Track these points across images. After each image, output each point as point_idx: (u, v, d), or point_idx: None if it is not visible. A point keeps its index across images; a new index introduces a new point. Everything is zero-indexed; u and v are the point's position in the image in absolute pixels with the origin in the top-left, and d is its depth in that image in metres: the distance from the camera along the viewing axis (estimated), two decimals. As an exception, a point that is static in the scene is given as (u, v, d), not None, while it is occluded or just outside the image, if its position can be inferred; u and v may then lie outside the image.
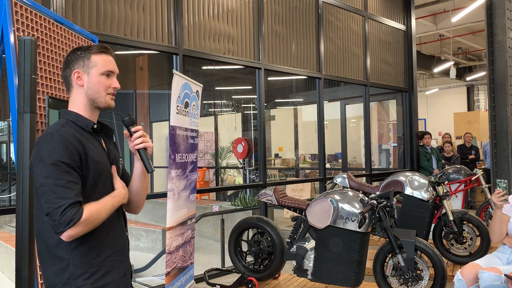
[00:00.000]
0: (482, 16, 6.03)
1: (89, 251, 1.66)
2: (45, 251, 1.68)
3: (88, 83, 1.77)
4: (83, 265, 1.65)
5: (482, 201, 8.13)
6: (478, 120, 14.42)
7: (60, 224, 1.54)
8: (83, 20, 4.08)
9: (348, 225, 3.69)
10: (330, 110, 10.72)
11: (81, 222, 1.56)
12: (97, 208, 1.64)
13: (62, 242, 1.63)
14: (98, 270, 1.67)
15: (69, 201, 1.55)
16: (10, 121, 12.00)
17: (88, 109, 1.79)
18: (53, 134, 1.63)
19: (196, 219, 4.53)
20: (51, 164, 1.58)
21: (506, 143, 5.12)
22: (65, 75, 1.80)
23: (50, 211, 1.55)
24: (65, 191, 1.56)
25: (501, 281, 2.96)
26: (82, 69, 1.77)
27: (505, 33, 5.16)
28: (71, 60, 1.78)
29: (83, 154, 1.66)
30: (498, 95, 5.22)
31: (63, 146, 1.61)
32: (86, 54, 1.78)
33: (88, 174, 1.67)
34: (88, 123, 1.77)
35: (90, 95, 1.77)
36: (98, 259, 1.68)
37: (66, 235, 1.56)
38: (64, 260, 1.64)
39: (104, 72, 1.78)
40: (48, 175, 1.57)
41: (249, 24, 5.76)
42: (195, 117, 4.00)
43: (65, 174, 1.58)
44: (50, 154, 1.59)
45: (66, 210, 1.54)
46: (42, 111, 2.38)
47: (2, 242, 7.40)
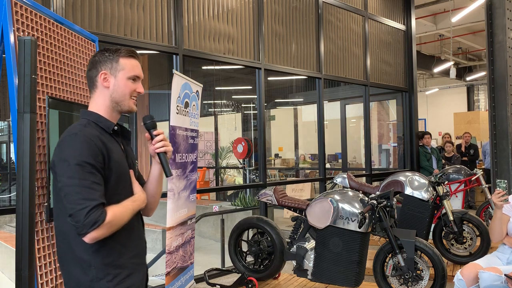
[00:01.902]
0: (482, 16, 6.03)
1: (110, 253, 1.64)
2: (67, 253, 1.66)
3: (114, 86, 1.76)
4: (106, 268, 1.63)
5: (482, 201, 8.13)
6: (478, 120, 14.42)
7: (84, 225, 1.51)
8: (83, 20, 4.08)
9: (348, 225, 3.69)
10: (330, 110, 10.72)
11: (105, 224, 1.54)
12: (120, 211, 1.62)
13: (84, 244, 1.61)
14: (120, 272, 1.66)
15: (94, 202, 1.53)
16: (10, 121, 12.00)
17: (109, 111, 1.78)
18: (77, 134, 1.62)
19: (196, 219, 4.53)
20: (76, 164, 1.56)
21: (506, 143, 5.12)
22: (90, 75, 1.79)
23: (73, 212, 1.53)
24: (90, 192, 1.54)
25: (501, 281, 2.96)
26: (110, 71, 1.76)
27: (505, 33, 5.16)
28: (99, 61, 1.77)
29: (106, 155, 1.65)
30: (498, 95, 5.22)
31: (87, 146, 1.59)
32: (115, 57, 1.76)
33: (110, 175, 1.66)
34: (109, 124, 1.76)
35: (114, 98, 1.77)
36: (119, 261, 1.67)
37: (90, 237, 1.54)
38: (86, 261, 1.62)
39: (131, 77, 1.78)
40: (72, 175, 1.55)
41: (249, 24, 5.76)
42: (195, 117, 4.00)
43: (89, 175, 1.57)
44: (74, 154, 1.57)
45: (91, 211, 1.52)
46: (42, 111, 2.38)
47: (2, 242, 7.40)
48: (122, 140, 1.85)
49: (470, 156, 9.59)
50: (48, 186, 2.33)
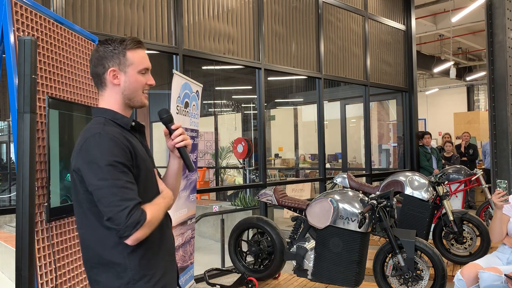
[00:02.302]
0: (482, 16, 6.02)
1: (145, 253, 1.58)
2: (96, 258, 1.58)
3: (125, 83, 1.66)
4: (142, 268, 1.56)
5: (482, 201, 8.12)
6: (478, 120, 14.41)
7: (127, 227, 1.44)
8: (83, 20, 4.08)
9: (348, 225, 3.69)
10: (330, 110, 10.72)
11: (147, 224, 1.48)
12: (156, 208, 1.56)
13: (117, 247, 1.54)
14: (156, 272, 1.61)
15: (133, 202, 1.46)
16: (10, 121, 12.00)
17: (122, 108, 1.68)
18: (101, 134, 1.53)
19: (196, 219, 4.53)
20: (107, 165, 1.47)
21: (506, 143, 5.12)
22: (97, 72, 1.67)
23: (112, 215, 1.45)
24: (126, 192, 1.47)
25: (501, 281, 2.96)
26: (118, 67, 1.64)
27: (505, 33, 5.16)
28: (104, 57, 1.64)
29: (133, 153, 1.57)
30: (498, 95, 5.21)
31: (115, 145, 1.51)
32: (121, 50, 1.64)
33: (138, 173, 1.59)
34: (126, 121, 1.67)
35: (127, 95, 1.67)
36: (154, 261, 1.61)
37: (133, 239, 1.47)
38: (120, 265, 1.54)
39: (141, 70, 1.68)
40: (105, 177, 1.46)
41: (249, 24, 5.76)
42: (195, 117, 4.00)
43: (122, 175, 1.49)
44: (103, 155, 1.48)
45: (132, 212, 1.44)
46: (42, 111, 2.38)
47: (2, 242, 7.40)
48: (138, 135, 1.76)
49: (470, 156, 9.59)
50: (48, 186, 2.33)
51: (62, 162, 2.46)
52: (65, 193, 2.48)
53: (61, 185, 2.45)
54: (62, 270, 2.45)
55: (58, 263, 2.42)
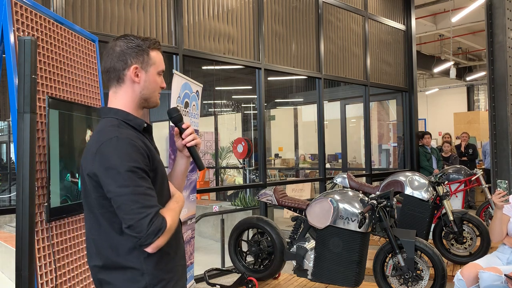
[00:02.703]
0: (482, 16, 6.02)
1: (161, 258, 1.55)
2: (108, 262, 1.54)
3: (145, 82, 1.61)
4: (159, 273, 1.54)
5: (482, 201, 8.12)
6: (478, 120, 14.41)
7: (149, 235, 1.41)
8: (83, 20, 4.08)
9: (348, 225, 3.69)
10: (330, 110, 10.72)
11: (167, 230, 1.45)
12: (173, 214, 1.52)
13: (132, 253, 1.50)
14: (173, 276, 1.58)
15: (154, 209, 1.43)
16: (10, 121, 12.00)
17: (136, 107, 1.63)
18: (119, 138, 1.47)
19: (196, 219, 4.53)
20: (127, 171, 1.42)
21: (506, 143, 5.12)
22: (116, 67, 1.59)
23: (133, 223, 1.41)
24: (147, 199, 1.43)
25: (501, 281, 2.96)
26: (141, 65, 1.60)
27: (505, 33, 5.16)
28: (127, 53, 1.59)
29: (150, 156, 1.53)
30: (498, 95, 5.21)
31: (134, 149, 1.47)
32: (145, 49, 1.61)
33: (155, 177, 1.55)
34: (139, 122, 1.61)
35: (144, 94, 1.63)
36: (170, 265, 1.58)
37: (154, 247, 1.44)
38: (137, 270, 1.51)
39: (159, 72, 1.66)
40: (125, 183, 1.42)
41: (249, 24, 5.76)
42: (195, 117, 4.00)
43: (142, 181, 1.45)
44: (122, 160, 1.43)
45: (153, 219, 1.41)
46: (42, 111, 2.38)
47: (2, 242, 7.40)
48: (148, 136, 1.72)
49: (470, 156, 9.59)
50: (48, 186, 2.33)
51: (62, 162, 2.46)
52: (65, 193, 2.48)
53: (61, 185, 2.45)
54: (62, 270, 2.45)
55: (58, 263, 2.42)
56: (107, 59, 1.62)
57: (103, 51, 1.69)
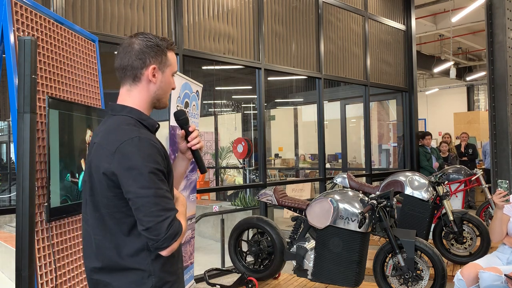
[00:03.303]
0: (482, 16, 6.02)
1: (168, 260, 1.55)
2: (111, 263, 1.52)
3: (161, 82, 1.61)
4: (165, 275, 1.54)
5: (482, 201, 8.12)
6: (478, 120, 14.42)
7: (166, 239, 1.41)
8: (83, 20, 4.08)
9: (348, 225, 3.69)
10: (330, 110, 10.72)
11: (182, 234, 1.46)
12: (184, 218, 1.53)
13: (139, 254, 1.49)
14: (177, 278, 1.60)
15: (173, 212, 1.44)
16: (10, 121, 12.00)
17: (148, 107, 1.62)
18: (141, 138, 1.46)
19: (196, 219, 4.53)
20: (149, 172, 1.42)
21: (506, 143, 5.12)
22: (134, 65, 1.57)
23: (152, 225, 1.40)
24: (167, 201, 1.44)
25: (501, 281, 2.96)
26: (159, 65, 1.59)
27: (505, 33, 5.16)
28: (146, 52, 1.57)
29: (167, 158, 1.54)
30: (498, 95, 5.21)
31: (155, 151, 1.47)
32: (163, 49, 1.60)
33: (169, 179, 1.55)
34: (152, 122, 1.60)
35: (158, 95, 1.62)
36: (174, 267, 1.59)
37: (170, 250, 1.44)
38: (144, 271, 1.50)
39: (174, 73, 1.66)
40: (147, 185, 1.41)
41: (249, 24, 5.76)
42: (195, 117, 4.00)
43: (162, 183, 1.45)
44: (145, 161, 1.42)
45: (172, 223, 1.42)
46: (42, 111, 2.38)
47: (2, 242, 7.40)
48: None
49: (470, 155, 9.60)
50: (48, 186, 2.33)
51: (62, 162, 2.46)
52: (65, 193, 2.48)
53: (61, 185, 2.45)
54: (62, 270, 2.45)
55: (58, 263, 2.42)
56: (125, 56, 1.58)
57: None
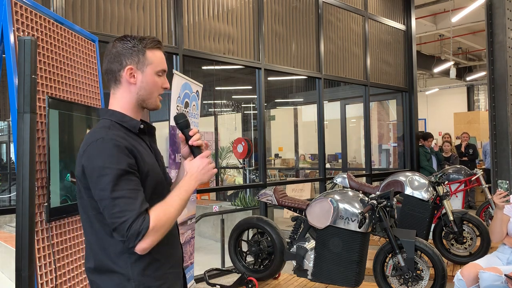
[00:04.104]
0: (482, 16, 6.02)
1: (150, 264, 1.52)
2: (99, 264, 1.53)
3: (142, 83, 1.58)
4: (146, 280, 1.50)
5: (482, 201, 8.12)
6: (478, 120, 14.42)
7: (129, 239, 1.40)
8: (83, 20, 4.08)
9: (348, 225, 3.69)
10: (330, 110, 10.72)
11: (150, 232, 1.41)
12: (163, 209, 1.47)
13: (121, 256, 1.49)
14: (162, 284, 1.54)
15: (134, 213, 1.40)
16: (10, 121, 12.00)
17: (134, 109, 1.61)
18: (104, 139, 1.46)
19: (196, 219, 4.53)
20: (110, 174, 1.41)
21: (506, 143, 5.12)
22: (112, 69, 1.58)
23: (116, 227, 1.41)
24: (128, 202, 1.41)
25: (501, 281, 2.96)
26: (136, 65, 1.57)
27: (505, 33, 5.15)
28: (122, 54, 1.56)
29: (139, 158, 1.50)
30: (498, 95, 5.21)
31: (118, 150, 1.44)
32: (141, 49, 1.57)
33: (145, 179, 1.52)
34: (134, 124, 1.59)
35: (141, 96, 1.60)
36: (159, 272, 1.54)
37: (139, 249, 1.42)
38: (123, 275, 1.49)
39: (158, 72, 1.61)
40: (106, 187, 1.41)
41: (249, 24, 5.75)
42: (195, 117, 4.00)
43: (125, 183, 1.42)
44: (105, 163, 1.42)
45: (132, 223, 1.39)
46: (42, 111, 2.38)
47: (2, 242, 7.40)
48: (148, 137, 1.69)
49: (470, 156, 9.60)
50: (48, 186, 2.33)
51: (62, 162, 2.46)
52: (65, 193, 2.48)
53: (61, 185, 2.44)
54: (62, 270, 2.45)
55: (58, 263, 2.42)
56: (105, 61, 1.61)
57: (103, 51, 1.68)
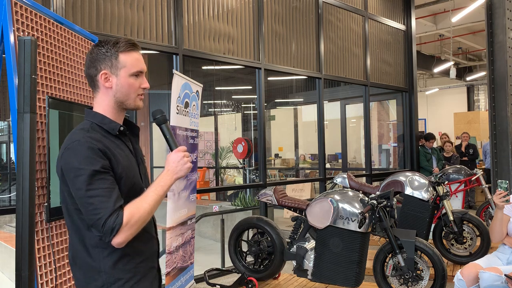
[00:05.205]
0: (482, 16, 6.03)
1: (120, 258, 1.60)
2: (77, 256, 1.63)
3: (117, 86, 1.65)
4: (116, 272, 1.59)
5: (482, 201, 8.12)
6: (478, 120, 14.42)
7: (105, 234, 1.50)
8: (83, 20, 4.08)
9: (348, 225, 3.69)
10: (330, 110, 10.72)
11: (124, 227, 1.50)
12: (137, 205, 1.55)
13: (95, 249, 1.58)
14: (132, 276, 1.62)
15: (108, 210, 1.49)
16: (10, 121, 11.99)
17: (115, 111, 1.69)
18: (81, 141, 1.54)
19: (196, 219, 4.53)
20: (84, 174, 1.50)
21: (506, 143, 5.12)
22: (90, 74, 1.67)
23: (92, 223, 1.51)
24: (102, 200, 1.50)
25: (501, 281, 2.97)
26: (110, 70, 1.64)
27: (505, 33, 5.16)
28: (97, 59, 1.65)
29: (113, 159, 1.58)
30: (498, 95, 5.22)
31: (92, 152, 1.53)
32: (114, 53, 1.64)
33: (119, 182, 1.60)
34: (113, 126, 1.66)
35: (119, 98, 1.67)
36: (129, 265, 1.62)
37: (115, 243, 1.52)
38: (95, 268, 1.59)
39: (134, 73, 1.66)
40: (82, 186, 1.50)
41: (249, 24, 5.75)
42: (195, 117, 4.00)
43: (100, 182, 1.51)
44: (81, 163, 1.51)
45: (107, 220, 1.48)
46: (42, 111, 2.38)
47: (2, 242, 7.40)
48: (130, 137, 1.76)
49: (470, 156, 9.60)
50: (48, 186, 2.33)
51: (62, 162, 2.45)
52: (65, 193, 2.48)
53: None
54: (62, 270, 2.45)
55: (58, 263, 2.42)
56: (85, 67, 1.70)
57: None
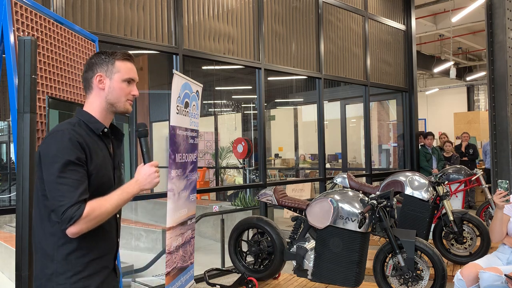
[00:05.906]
0: (482, 16, 6.03)
1: (74, 251, 1.68)
2: (36, 242, 1.72)
3: (109, 88, 1.81)
4: (67, 264, 1.67)
5: (482, 201, 8.12)
6: (478, 120, 14.42)
7: (63, 221, 1.58)
8: (83, 20, 4.08)
9: (348, 225, 3.69)
10: (330, 110, 10.71)
11: (82, 219, 1.59)
12: (99, 203, 1.65)
13: (52, 238, 1.66)
14: (81, 270, 1.69)
15: (72, 200, 1.58)
16: (10, 121, 11.99)
17: (104, 112, 1.82)
18: (64, 132, 1.66)
19: (196, 219, 4.53)
20: (59, 162, 1.61)
21: (506, 143, 5.12)
22: (86, 77, 1.83)
23: (54, 208, 1.60)
24: (70, 190, 1.59)
25: (501, 281, 2.97)
26: (105, 73, 1.80)
27: (505, 33, 5.16)
28: (95, 63, 1.81)
29: (89, 156, 1.69)
30: (498, 95, 5.22)
31: (71, 144, 1.64)
32: (111, 59, 1.81)
33: (89, 178, 1.69)
34: (98, 126, 1.79)
35: (109, 100, 1.81)
36: (81, 260, 1.69)
37: (69, 232, 1.60)
38: (49, 256, 1.67)
39: (126, 79, 1.82)
40: (54, 172, 1.60)
41: (249, 24, 5.75)
42: (195, 117, 4.00)
43: (71, 173, 1.61)
44: (58, 152, 1.62)
45: (69, 208, 1.57)
46: (42, 111, 2.38)
47: (2, 242, 7.40)
48: (113, 140, 1.89)
49: (470, 156, 9.60)
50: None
51: (62, 162, 2.45)
52: (65, 193, 2.48)
53: (61, 185, 2.44)
54: (62, 270, 2.45)
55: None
56: (83, 71, 1.86)
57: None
